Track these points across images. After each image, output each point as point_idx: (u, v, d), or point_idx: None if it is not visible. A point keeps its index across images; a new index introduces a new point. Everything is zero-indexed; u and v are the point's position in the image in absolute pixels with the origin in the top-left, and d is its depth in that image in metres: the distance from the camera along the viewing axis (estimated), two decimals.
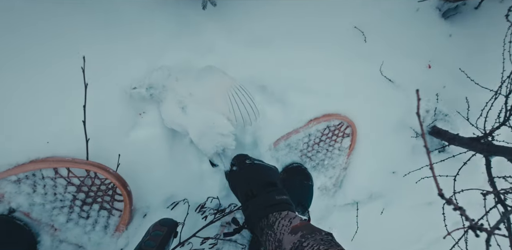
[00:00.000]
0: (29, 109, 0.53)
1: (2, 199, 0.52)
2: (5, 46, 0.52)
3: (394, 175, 0.86)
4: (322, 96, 0.73)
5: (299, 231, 0.45)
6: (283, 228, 0.47)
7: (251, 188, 0.53)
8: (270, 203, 0.51)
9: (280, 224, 0.47)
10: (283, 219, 0.48)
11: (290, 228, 0.46)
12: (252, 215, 0.51)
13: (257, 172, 0.56)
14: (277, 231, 0.47)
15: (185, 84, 0.60)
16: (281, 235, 0.46)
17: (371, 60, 0.78)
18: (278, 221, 0.48)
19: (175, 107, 0.60)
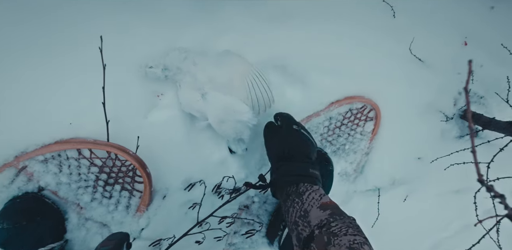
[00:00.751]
0: (53, 90, 0.53)
1: (31, 178, 0.55)
2: (24, 28, 0.52)
3: (419, 161, 0.82)
4: (345, 77, 0.69)
5: (328, 209, 0.44)
6: (312, 200, 0.46)
7: (290, 152, 0.53)
8: (303, 173, 0.50)
9: (310, 196, 0.47)
10: (314, 192, 0.47)
11: (320, 203, 0.45)
12: (282, 178, 0.51)
13: (300, 140, 0.54)
14: (306, 202, 0.46)
15: (204, 69, 0.59)
16: (309, 206, 0.45)
17: (400, 38, 0.73)
18: (308, 192, 0.47)
19: (195, 93, 0.59)
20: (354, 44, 0.70)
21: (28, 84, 0.52)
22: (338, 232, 0.40)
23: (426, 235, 0.91)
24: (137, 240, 0.59)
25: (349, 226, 0.41)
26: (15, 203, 0.53)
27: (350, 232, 0.39)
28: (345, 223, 0.41)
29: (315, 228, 0.42)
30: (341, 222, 0.41)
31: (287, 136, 0.55)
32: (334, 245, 0.38)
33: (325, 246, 0.39)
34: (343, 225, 0.41)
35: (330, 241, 0.39)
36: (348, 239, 0.38)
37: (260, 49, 0.66)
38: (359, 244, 0.38)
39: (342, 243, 0.38)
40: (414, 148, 0.80)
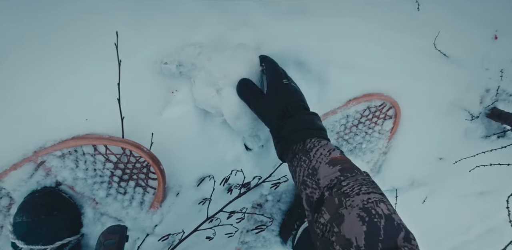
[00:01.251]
0: (70, 87, 0.54)
1: (49, 173, 0.56)
2: (42, 26, 0.52)
3: (441, 162, 0.78)
4: (364, 74, 0.67)
5: (338, 164, 0.40)
6: (320, 156, 0.42)
7: (287, 106, 0.48)
8: (309, 126, 0.46)
9: (318, 152, 0.43)
10: (322, 147, 0.43)
11: (329, 159, 0.41)
12: (287, 136, 0.46)
13: (295, 93, 0.50)
14: (313, 158, 0.42)
15: (219, 65, 0.57)
16: (317, 163, 0.42)
17: (424, 32, 0.69)
18: (316, 148, 0.43)
19: (209, 89, 0.58)
20: (374, 39, 0.67)
21: (46, 81, 0.53)
22: (350, 192, 0.36)
23: (445, 238, 0.88)
24: (150, 236, 0.60)
25: (362, 183, 0.37)
26: (34, 197, 0.54)
27: (363, 190, 0.36)
28: (358, 180, 0.37)
29: (325, 190, 0.38)
30: (353, 179, 0.38)
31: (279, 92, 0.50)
32: (346, 207, 0.35)
33: (337, 208, 0.35)
34: (355, 183, 0.37)
35: (342, 203, 0.35)
36: (361, 199, 0.35)
37: (275, 45, 0.64)
38: (374, 202, 0.34)
39: (354, 204, 0.34)
40: (436, 147, 0.76)
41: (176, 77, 0.59)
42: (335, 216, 0.35)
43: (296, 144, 0.46)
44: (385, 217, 0.33)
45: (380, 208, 0.33)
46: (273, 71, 0.54)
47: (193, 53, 0.56)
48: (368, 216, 0.33)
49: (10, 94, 0.51)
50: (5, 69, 0.51)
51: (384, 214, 0.33)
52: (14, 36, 0.51)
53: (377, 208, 0.33)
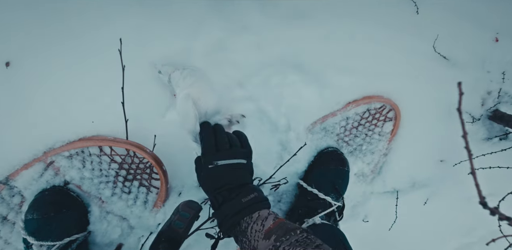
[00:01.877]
0: (78, 91, 0.56)
1: (58, 172, 0.58)
2: (49, 33, 0.55)
3: (442, 164, 0.78)
4: (363, 76, 0.67)
5: (272, 235, 0.43)
6: (256, 234, 0.44)
7: (216, 195, 0.49)
8: (238, 209, 0.47)
9: (253, 230, 0.45)
10: (255, 223, 0.45)
11: (263, 233, 0.44)
12: (223, 225, 0.48)
13: (219, 177, 0.50)
14: (251, 238, 0.45)
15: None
16: (255, 242, 0.44)
17: (423, 35, 0.69)
18: (250, 226, 0.45)
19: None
20: (373, 42, 0.68)
21: (54, 86, 0.56)
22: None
23: (447, 240, 0.87)
24: (154, 234, 0.62)
25: (296, 244, 0.40)
26: (44, 195, 0.57)
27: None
28: (292, 243, 0.40)
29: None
30: (287, 243, 0.40)
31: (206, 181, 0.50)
32: None
33: None
34: (289, 247, 0.40)
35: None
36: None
37: (275, 48, 0.65)
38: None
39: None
40: (436, 150, 0.76)
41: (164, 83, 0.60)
42: None
43: (235, 228, 0.48)
44: None
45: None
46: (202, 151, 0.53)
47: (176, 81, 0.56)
48: None
49: (21, 99, 0.54)
50: (17, 75, 0.54)
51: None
52: (25, 44, 0.53)
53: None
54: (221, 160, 0.51)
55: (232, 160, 0.51)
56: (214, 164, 0.50)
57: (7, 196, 0.57)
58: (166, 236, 0.48)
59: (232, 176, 0.50)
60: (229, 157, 0.51)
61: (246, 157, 0.53)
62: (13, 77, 0.54)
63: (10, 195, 0.57)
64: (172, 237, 0.48)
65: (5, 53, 0.53)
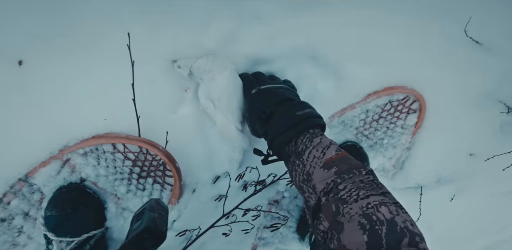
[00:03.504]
0: (89, 88, 0.56)
1: (74, 170, 0.59)
2: (59, 29, 0.54)
3: (471, 158, 0.73)
4: (385, 66, 0.63)
5: (333, 166, 0.38)
6: (314, 160, 0.39)
7: (263, 110, 0.45)
8: (292, 122, 0.42)
9: (311, 155, 0.40)
10: (315, 148, 0.40)
11: (323, 161, 0.39)
12: (275, 140, 0.43)
13: (265, 96, 0.48)
14: (307, 163, 0.40)
15: (217, 87, 0.57)
16: (311, 168, 0.39)
17: (453, 18, 0.63)
18: (309, 150, 0.40)
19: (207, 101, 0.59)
20: (396, 28, 0.62)
21: (67, 84, 0.55)
22: (347, 198, 0.34)
23: (475, 238, 0.83)
24: (169, 231, 0.62)
25: (359, 186, 0.35)
26: (62, 192, 0.57)
27: (361, 194, 0.33)
28: (355, 183, 0.35)
29: (322, 194, 0.36)
30: (350, 182, 0.35)
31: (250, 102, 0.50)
32: (344, 215, 0.33)
33: (334, 216, 0.34)
34: (352, 187, 0.35)
35: (339, 210, 0.34)
36: (360, 205, 0.33)
37: (288, 39, 0.61)
38: (375, 207, 0.32)
39: (353, 212, 0.32)
40: (465, 143, 0.71)
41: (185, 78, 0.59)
42: (333, 224, 0.33)
43: (288, 145, 0.43)
44: (387, 222, 0.31)
45: (381, 213, 0.31)
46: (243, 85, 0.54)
47: (204, 69, 0.56)
48: (369, 223, 0.31)
49: (34, 98, 0.54)
50: (30, 74, 0.54)
51: (386, 219, 0.31)
52: (36, 41, 0.53)
53: (377, 213, 0.31)
54: (263, 85, 0.50)
55: (274, 84, 0.50)
56: (257, 88, 0.50)
57: (27, 192, 0.58)
58: (150, 233, 0.42)
59: (279, 93, 0.48)
60: (271, 82, 0.51)
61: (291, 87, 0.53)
62: (26, 76, 0.54)
63: (30, 192, 0.58)
64: (157, 234, 0.43)
65: (17, 52, 0.52)
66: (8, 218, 0.57)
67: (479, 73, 0.66)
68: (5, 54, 0.53)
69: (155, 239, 0.42)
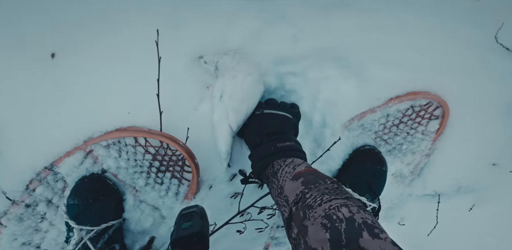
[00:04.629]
0: (115, 83, 0.58)
1: (96, 161, 0.61)
2: (89, 26, 0.56)
3: (494, 168, 0.71)
4: (408, 70, 0.62)
5: (301, 177, 0.42)
6: (285, 175, 0.45)
7: (255, 137, 0.54)
8: (272, 151, 0.50)
9: (284, 171, 0.46)
10: (287, 166, 0.47)
11: (293, 174, 0.44)
12: (255, 164, 0.51)
13: (263, 122, 0.56)
14: (280, 178, 0.45)
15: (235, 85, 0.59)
16: (283, 182, 0.44)
17: (483, 23, 0.61)
18: (282, 168, 0.47)
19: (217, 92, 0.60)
20: (423, 32, 0.61)
21: (94, 78, 0.57)
22: (312, 204, 0.37)
23: (494, 249, 0.80)
24: None
25: (324, 192, 0.38)
26: (84, 182, 0.59)
27: (325, 199, 0.37)
28: (320, 190, 0.39)
29: (292, 205, 0.40)
30: (316, 190, 0.39)
31: (250, 124, 0.57)
32: (309, 218, 0.35)
33: (301, 221, 0.36)
34: (317, 194, 0.38)
35: (306, 215, 0.36)
36: (323, 208, 0.35)
37: (313, 40, 0.61)
38: (336, 208, 0.35)
39: (317, 215, 0.35)
40: (489, 152, 0.69)
41: (211, 73, 0.60)
42: (300, 228, 0.36)
43: (267, 169, 0.50)
44: (346, 220, 0.33)
45: (341, 213, 0.34)
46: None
47: (229, 65, 0.58)
48: (330, 222, 0.33)
49: (64, 90, 0.56)
50: (61, 66, 0.56)
51: (345, 218, 0.33)
52: (70, 37, 0.55)
53: (338, 213, 0.34)
54: (268, 110, 0.57)
55: (279, 111, 0.57)
56: (261, 111, 0.57)
57: (51, 181, 0.60)
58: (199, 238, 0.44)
59: (274, 123, 0.55)
60: (276, 108, 0.57)
61: (293, 114, 0.58)
62: (57, 69, 0.56)
63: (54, 180, 0.61)
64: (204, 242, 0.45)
65: (51, 45, 0.55)
66: (32, 204, 0.60)
67: (507, 81, 0.64)
68: (39, 47, 0.55)
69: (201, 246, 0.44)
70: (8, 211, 0.58)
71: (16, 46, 0.53)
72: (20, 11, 0.54)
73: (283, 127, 0.55)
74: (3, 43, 0.53)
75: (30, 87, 0.55)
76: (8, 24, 0.53)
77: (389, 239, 0.30)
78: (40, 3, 0.55)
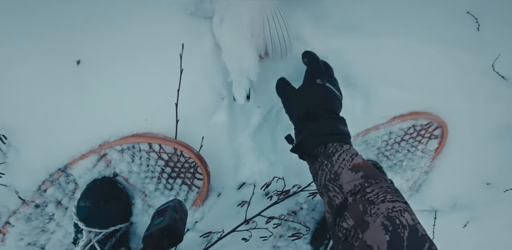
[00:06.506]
0: (135, 90, 0.60)
1: (109, 164, 0.62)
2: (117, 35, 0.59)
3: (488, 187, 0.74)
4: (412, 92, 0.66)
5: (361, 171, 0.40)
6: (343, 162, 0.42)
7: (313, 108, 0.47)
8: (332, 131, 0.45)
9: (341, 157, 0.42)
10: (345, 152, 0.43)
11: (352, 165, 0.41)
12: (307, 140, 0.46)
13: (324, 95, 0.49)
14: (335, 163, 0.42)
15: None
16: (339, 169, 0.41)
17: (482, 52, 0.66)
18: (338, 153, 0.43)
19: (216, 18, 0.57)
20: (425, 57, 0.66)
21: (115, 85, 0.59)
22: (374, 199, 0.36)
23: None
24: (190, 231, 0.64)
25: (387, 191, 0.37)
26: (95, 185, 0.61)
27: (388, 198, 0.35)
28: (382, 187, 0.37)
29: (349, 195, 0.38)
30: (378, 186, 0.37)
31: (308, 92, 0.50)
32: (371, 215, 0.34)
33: (361, 215, 0.35)
34: (380, 191, 0.37)
35: (366, 210, 0.35)
36: (386, 207, 0.34)
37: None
38: (399, 211, 0.34)
39: (379, 212, 0.34)
40: (484, 172, 0.73)
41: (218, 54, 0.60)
42: (359, 223, 0.35)
43: (318, 147, 0.46)
44: (409, 227, 0.32)
45: (404, 218, 0.33)
46: (310, 68, 0.54)
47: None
48: (392, 225, 0.32)
49: (85, 95, 0.59)
50: (85, 73, 0.58)
51: (408, 225, 0.32)
52: (95, 45, 0.58)
53: (401, 217, 0.33)
54: (329, 83, 0.51)
55: (336, 89, 0.52)
56: (323, 82, 0.51)
57: (63, 182, 0.62)
58: (170, 232, 0.44)
59: (334, 102, 0.50)
60: (334, 84, 0.53)
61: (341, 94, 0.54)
62: (81, 75, 0.59)
63: (66, 182, 0.62)
64: (176, 235, 0.44)
65: (78, 52, 0.57)
66: (42, 205, 0.60)
67: (502, 106, 0.68)
68: (66, 53, 0.58)
69: (173, 239, 0.44)
70: (18, 211, 0.59)
71: (46, 52, 0.56)
72: (53, 21, 0.57)
73: (339, 109, 0.51)
74: (35, 48, 0.55)
75: (52, 90, 0.57)
76: (45, 31, 0.56)
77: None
78: (69, 15, 0.58)
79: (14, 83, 0.56)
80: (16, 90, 0.56)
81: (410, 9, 0.65)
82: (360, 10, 0.65)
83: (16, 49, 0.55)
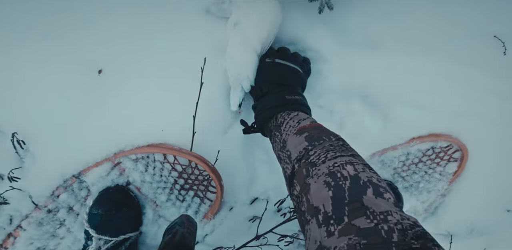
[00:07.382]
0: (153, 101, 0.60)
1: (123, 173, 0.63)
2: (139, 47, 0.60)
3: (509, 214, 0.72)
4: (433, 113, 0.64)
5: (305, 132, 0.40)
6: (289, 128, 0.43)
7: (262, 86, 0.51)
8: (278, 103, 0.48)
9: (288, 125, 0.44)
10: (292, 119, 0.44)
11: (297, 129, 0.42)
12: (259, 114, 0.49)
13: (272, 72, 0.53)
14: (283, 132, 0.43)
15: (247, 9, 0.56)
16: (286, 136, 0.42)
17: (505, 76, 0.65)
18: (286, 121, 0.45)
19: (232, 20, 0.58)
20: (448, 78, 0.65)
21: (134, 95, 0.60)
22: (316, 161, 0.35)
23: None
24: (200, 244, 0.64)
25: (329, 149, 0.36)
26: (108, 192, 0.61)
27: (330, 156, 0.35)
28: (324, 147, 0.37)
29: (295, 162, 0.38)
30: (320, 147, 0.37)
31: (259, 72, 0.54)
32: (312, 176, 0.34)
33: (304, 179, 0.35)
34: (321, 151, 0.36)
35: (309, 173, 0.35)
36: (327, 165, 0.34)
37: (343, 76, 0.65)
38: (340, 165, 0.33)
39: (320, 172, 0.33)
40: (504, 198, 0.70)
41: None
42: (303, 187, 0.34)
43: (270, 121, 0.48)
44: (351, 178, 0.31)
45: (346, 170, 0.32)
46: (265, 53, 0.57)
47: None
48: (334, 180, 0.32)
49: (104, 104, 0.59)
50: (105, 82, 0.59)
51: (349, 175, 0.32)
52: (117, 55, 0.59)
53: (343, 170, 0.32)
54: (279, 59, 0.54)
55: (289, 63, 0.54)
56: (272, 59, 0.54)
57: (76, 189, 0.62)
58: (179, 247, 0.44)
59: (284, 74, 0.53)
60: (287, 59, 0.54)
61: (303, 69, 0.56)
62: (101, 84, 0.60)
63: (79, 188, 0.62)
64: (187, 247, 0.45)
65: (100, 61, 0.58)
66: (54, 210, 0.61)
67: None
68: (89, 62, 0.59)
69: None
70: (30, 215, 0.60)
71: (69, 59, 0.57)
72: (79, 29, 0.58)
73: (292, 80, 0.53)
74: (58, 55, 0.56)
75: (71, 98, 0.58)
76: (70, 39, 0.57)
77: (391, 199, 0.29)
78: (95, 24, 0.59)
79: (36, 90, 0.57)
80: (36, 97, 0.57)
81: (433, 29, 0.65)
82: (381, 28, 0.65)
83: (38, 54, 0.57)
